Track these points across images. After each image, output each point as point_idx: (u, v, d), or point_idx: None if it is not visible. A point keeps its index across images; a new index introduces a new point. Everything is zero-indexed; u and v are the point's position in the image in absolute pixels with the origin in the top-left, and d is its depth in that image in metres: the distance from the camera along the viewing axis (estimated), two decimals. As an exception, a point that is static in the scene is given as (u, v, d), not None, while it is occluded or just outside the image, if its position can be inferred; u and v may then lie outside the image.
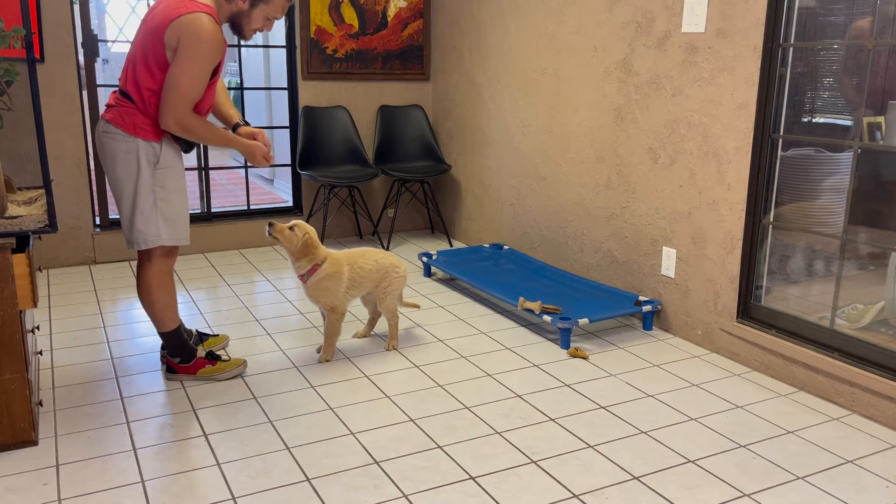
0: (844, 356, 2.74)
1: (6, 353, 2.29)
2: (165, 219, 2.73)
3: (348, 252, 3.14)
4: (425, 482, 2.22)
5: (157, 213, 2.71)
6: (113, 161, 2.70)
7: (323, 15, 4.89)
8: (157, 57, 2.59)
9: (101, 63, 5.11)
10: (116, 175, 2.70)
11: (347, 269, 3.06)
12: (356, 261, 3.10)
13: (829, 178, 2.93)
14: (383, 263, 3.17)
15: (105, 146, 2.70)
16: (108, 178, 2.76)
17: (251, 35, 2.79)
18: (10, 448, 2.36)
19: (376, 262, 3.15)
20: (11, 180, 2.75)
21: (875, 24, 2.63)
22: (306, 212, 5.10)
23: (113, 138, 2.67)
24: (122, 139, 2.66)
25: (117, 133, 2.66)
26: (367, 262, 3.13)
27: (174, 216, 2.75)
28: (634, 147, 3.54)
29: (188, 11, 2.55)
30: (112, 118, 2.68)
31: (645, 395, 2.83)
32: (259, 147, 2.84)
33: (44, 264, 4.39)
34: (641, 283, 3.60)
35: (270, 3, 2.71)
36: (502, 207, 4.63)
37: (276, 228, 2.93)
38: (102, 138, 2.71)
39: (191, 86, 2.59)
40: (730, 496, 2.17)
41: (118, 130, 2.66)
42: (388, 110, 5.17)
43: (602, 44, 3.67)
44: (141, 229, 2.71)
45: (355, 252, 3.15)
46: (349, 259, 3.09)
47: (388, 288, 3.19)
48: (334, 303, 3.04)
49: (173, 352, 2.90)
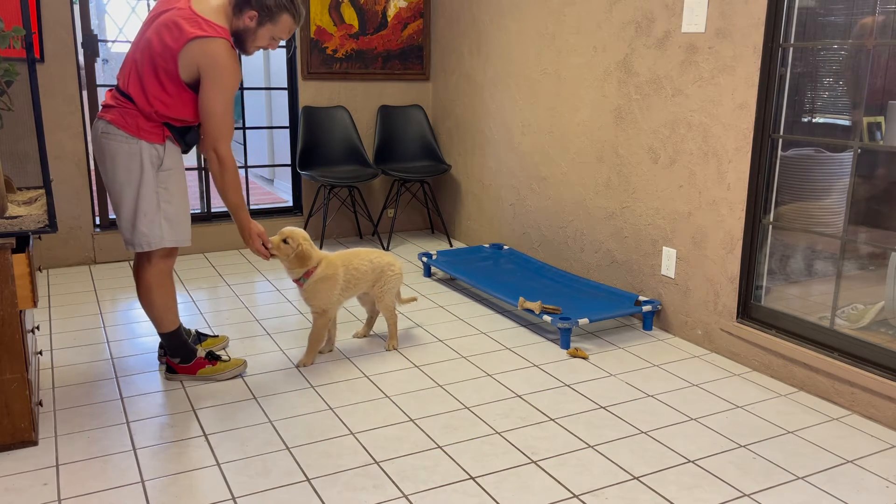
0: (844, 356, 2.74)
1: (6, 353, 2.29)
2: (169, 220, 2.72)
3: (342, 253, 3.12)
4: (425, 482, 2.22)
5: (160, 215, 2.70)
6: (113, 162, 2.66)
7: (323, 15, 4.89)
8: (168, 73, 2.59)
9: (101, 63, 5.11)
10: (117, 177, 2.67)
11: (343, 270, 3.04)
12: (351, 262, 3.09)
13: (829, 178, 2.93)
14: (378, 263, 3.16)
15: (105, 147, 2.66)
16: (106, 179, 2.71)
17: (253, 52, 2.79)
18: (10, 448, 2.36)
19: (371, 261, 3.14)
20: (11, 180, 2.75)
21: (875, 23, 2.63)
22: (306, 212, 5.10)
23: (114, 139, 2.64)
24: (123, 140, 2.63)
25: (119, 134, 2.63)
26: (362, 262, 3.11)
27: (177, 218, 2.74)
28: (634, 147, 3.54)
29: (205, 35, 2.54)
30: (113, 119, 2.64)
31: (645, 395, 2.83)
32: (257, 239, 2.86)
33: (44, 264, 4.39)
34: (641, 283, 3.60)
35: (278, 24, 2.69)
36: (502, 207, 4.63)
37: (273, 245, 2.91)
38: (102, 139, 2.66)
39: (224, 112, 2.66)
40: (730, 496, 2.17)
41: (120, 131, 2.63)
42: (388, 110, 5.17)
43: (602, 44, 3.67)
44: (144, 231, 2.69)
45: (349, 253, 3.14)
46: (344, 260, 3.08)
47: (384, 287, 3.18)
48: (326, 305, 3.01)
49: (173, 352, 2.89)
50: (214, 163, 2.70)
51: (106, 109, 2.69)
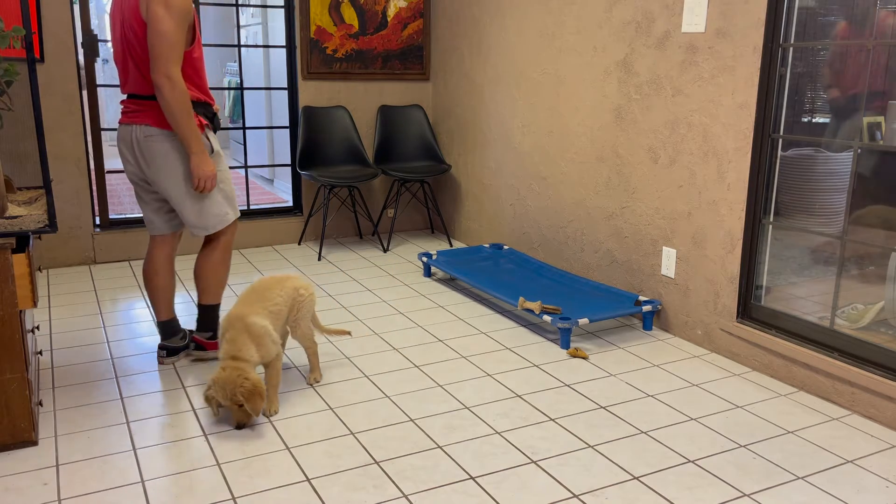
0: (844, 356, 2.74)
1: (6, 353, 2.29)
2: (228, 198, 2.95)
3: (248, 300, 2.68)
4: (425, 482, 2.22)
5: (221, 195, 2.91)
6: (166, 160, 2.77)
7: (323, 15, 4.89)
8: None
9: (100, 63, 5.11)
10: (174, 172, 2.79)
11: (264, 313, 2.65)
12: (263, 303, 2.68)
13: (829, 178, 2.93)
14: (288, 288, 2.78)
15: (154, 148, 2.76)
16: (160, 177, 2.79)
17: None
18: (10, 448, 2.37)
19: (283, 288, 2.76)
20: (11, 180, 2.75)
21: (872, 24, 2.62)
22: (306, 212, 5.10)
23: (159, 140, 2.76)
24: (169, 138, 2.76)
25: (162, 133, 2.75)
26: (274, 296, 2.72)
27: (232, 194, 2.98)
28: (634, 147, 3.55)
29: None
30: (153, 121, 2.74)
31: (645, 395, 2.83)
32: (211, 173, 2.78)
33: (44, 264, 4.39)
34: (641, 283, 3.60)
35: None
36: (502, 207, 4.63)
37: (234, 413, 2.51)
38: (148, 142, 2.76)
39: (172, 30, 2.60)
40: (730, 496, 2.17)
41: (163, 131, 2.75)
42: (388, 110, 5.17)
43: (602, 44, 3.67)
44: (214, 213, 2.90)
45: (255, 293, 2.72)
46: (259, 304, 2.67)
47: (297, 315, 2.81)
48: (275, 351, 2.64)
49: (209, 325, 3.04)
50: (167, 88, 2.61)
51: (133, 115, 2.77)
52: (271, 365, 2.64)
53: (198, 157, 2.74)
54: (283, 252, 4.84)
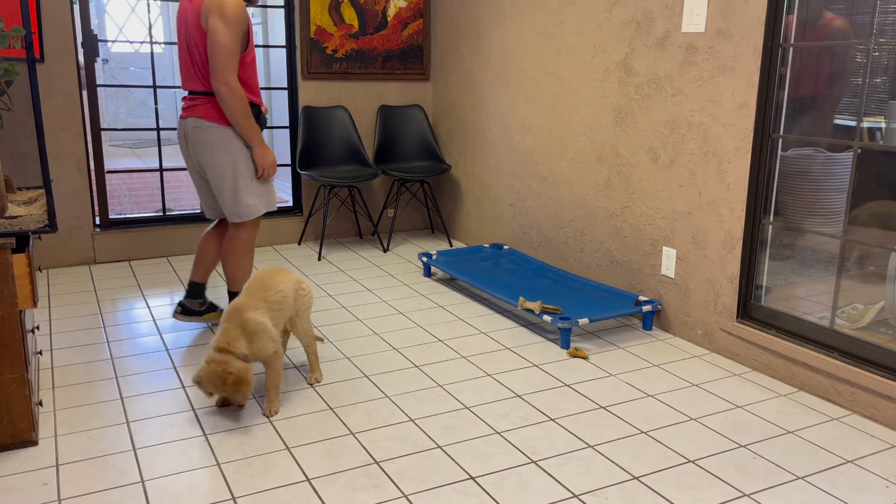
0: (844, 356, 2.74)
1: (6, 353, 2.29)
2: (263, 192, 3.22)
3: (252, 292, 2.67)
4: (425, 482, 2.22)
5: (255, 187, 3.18)
6: (211, 150, 3.07)
7: (323, 15, 4.89)
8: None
9: (100, 63, 5.11)
10: (218, 161, 3.08)
11: (265, 308, 2.64)
12: (267, 292, 2.67)
13: (829, 178, 2.93)
14: (290, 282, 2.77)
15: (201, 139, 3.07)
16: (205, 165, 3.11)
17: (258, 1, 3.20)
18: (10, 448, 2.37)
19: (285, 283, 2.74)
20: (11, 180, 2.75)
21: (874, 24, 2.63)
22: (306, 212, 5.10)
23: (207, 131, 3.05)
24: (216, 130, 3.04)
25: (211, 126, 3.04)
26: (278, 283, 2.71)
27: (268, 188, 3.25)
28: (634, 147, 3.55)
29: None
30: (203, 114, 3.03)
31: (645, 395, 2.83)
32: (271, 162, 3.18)
33: (44, 264, 4.39)
34: (641, 283, 3.60)
35: None
36: (502, 207, 4.63)
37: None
38: (196, 133, 3.07)
39: (229, 42, 2.88)
40: (730, 496, 2.17)
41: (211, 123, 3.04)
42: (388, 110, 5.17)
43: (602, 44, 3.67)
44: (249, 203, 3.16)
45: (261, 282, 2.71)
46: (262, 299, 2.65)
47: (299, 310, 2.81)
48: (273, 348, 2.62)
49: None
50: (227, 95, 2.94)
51: (189, 109, 3.08)
52: (271, 365, 2.63)
53: (259, 150, 3.11)
54: (283, 252, 4.84)
